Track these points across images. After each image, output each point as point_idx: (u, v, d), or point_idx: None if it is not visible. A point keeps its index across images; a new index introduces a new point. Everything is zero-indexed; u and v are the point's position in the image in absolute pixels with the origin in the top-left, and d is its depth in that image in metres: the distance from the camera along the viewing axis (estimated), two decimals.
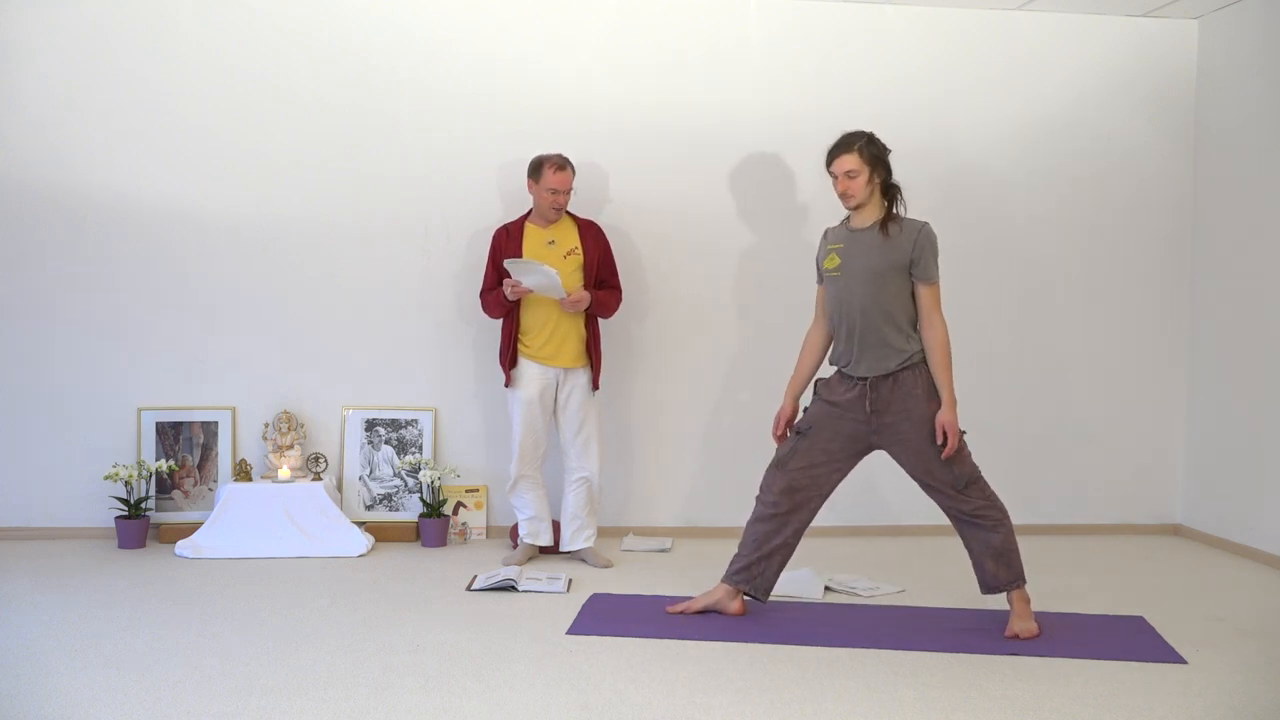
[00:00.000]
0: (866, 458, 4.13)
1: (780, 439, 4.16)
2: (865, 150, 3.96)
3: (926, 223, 3.99)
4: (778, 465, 4.10)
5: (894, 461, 4.10)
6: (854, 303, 3.96)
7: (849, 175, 3.96)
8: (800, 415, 4.18)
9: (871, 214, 4.01)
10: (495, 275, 4.97)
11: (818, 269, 4.18)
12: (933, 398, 3.93)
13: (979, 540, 3.97)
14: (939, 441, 3.89)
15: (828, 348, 4.18)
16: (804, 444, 4.05)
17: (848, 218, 4.10)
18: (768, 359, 5.53)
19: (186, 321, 5.41)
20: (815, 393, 4.13)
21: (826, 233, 4.19)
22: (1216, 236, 5.65)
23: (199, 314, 5.42)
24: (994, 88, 5.71)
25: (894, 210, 4.01)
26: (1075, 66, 5.73)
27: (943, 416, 3.89)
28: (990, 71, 5.71)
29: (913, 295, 3.96)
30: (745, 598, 4.18)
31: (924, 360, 3.96)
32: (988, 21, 5.67)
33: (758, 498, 4.16)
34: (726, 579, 4.16)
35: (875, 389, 3.94)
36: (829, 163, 4.03)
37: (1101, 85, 5.75)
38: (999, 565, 3.96)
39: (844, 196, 4.01)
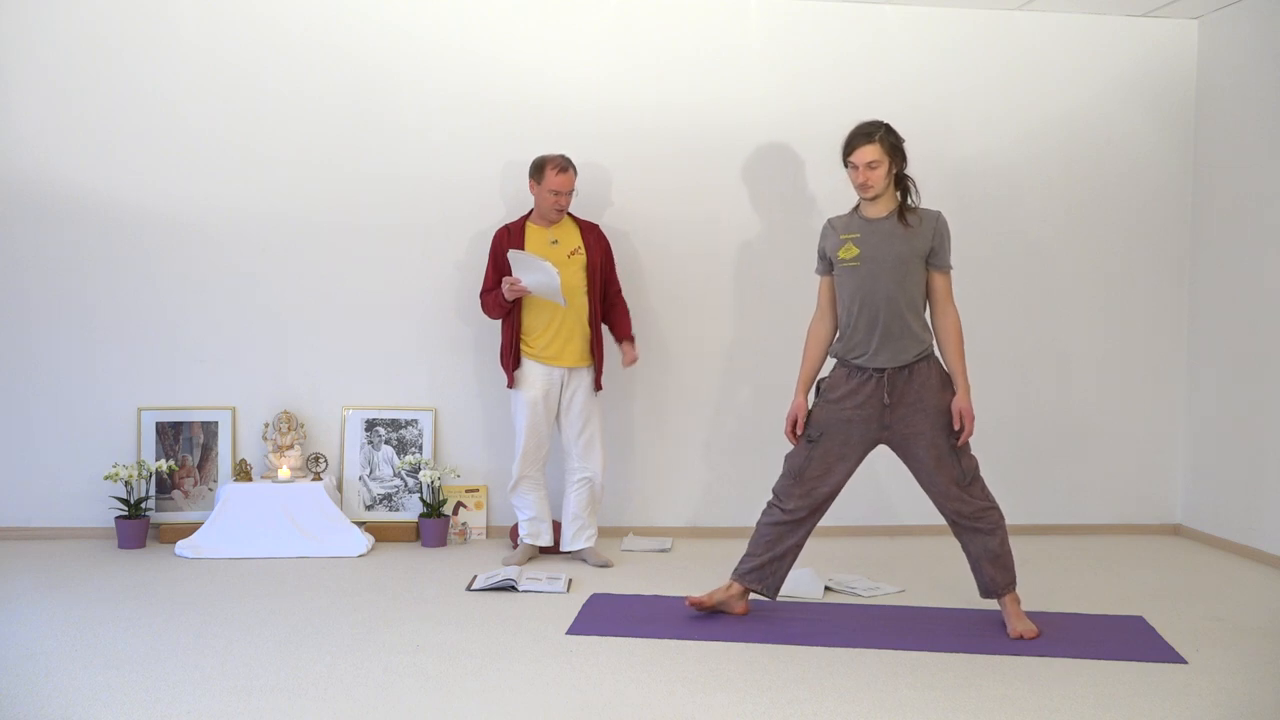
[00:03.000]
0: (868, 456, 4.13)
1: (795, 437, 4.10)
2: (885, 140, 3.92)
3: (940, 211, 4.01)
4: (795, 476, 4.04)
5: (898, 461, 4.09)
6: (878, 292, 3.91)
7: (870, 166, 3.90)
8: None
9: (886, 204, 3.97)
10: (495, 275, 4.96)
11: (823, 260, 4.11)
12: (945, 388, 3.93)
13: (978, 544, 3.97)
14: (956, 428, 3.90)
15: (832, 340, 4.13)
16: (818, 451, 4.00)
17: (856, 207, 4.06)
18: (769, 359, 5.53)
19: (186, 321, 5.42)
20: (819, 394, 4.09)
21: (833, 223, 4.10)
22: (1216, 236, 5.65)
23: (199, 314, 5.42)
24: (994, 88, 5.71)
25: (909, 199, 3.99)
26: (1075, 67, 5.73)
27: (960, 403, 3.91)
28: (990, 72, 5.70)
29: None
30: (751, 597, 4.18)
31: (934, 351, 3.98)
32: (988, 21, 5.67)
33: (773, 505, 4.10)
34: (738, 578, 4.12)
35: (892, 380, 3.92)
36: (848, 153, 3.95)
37: (1101, 85, 5.75)
38: (997, 569, 3.97)
39: (863, 187, 3.94)
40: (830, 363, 4.15)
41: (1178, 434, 5.87)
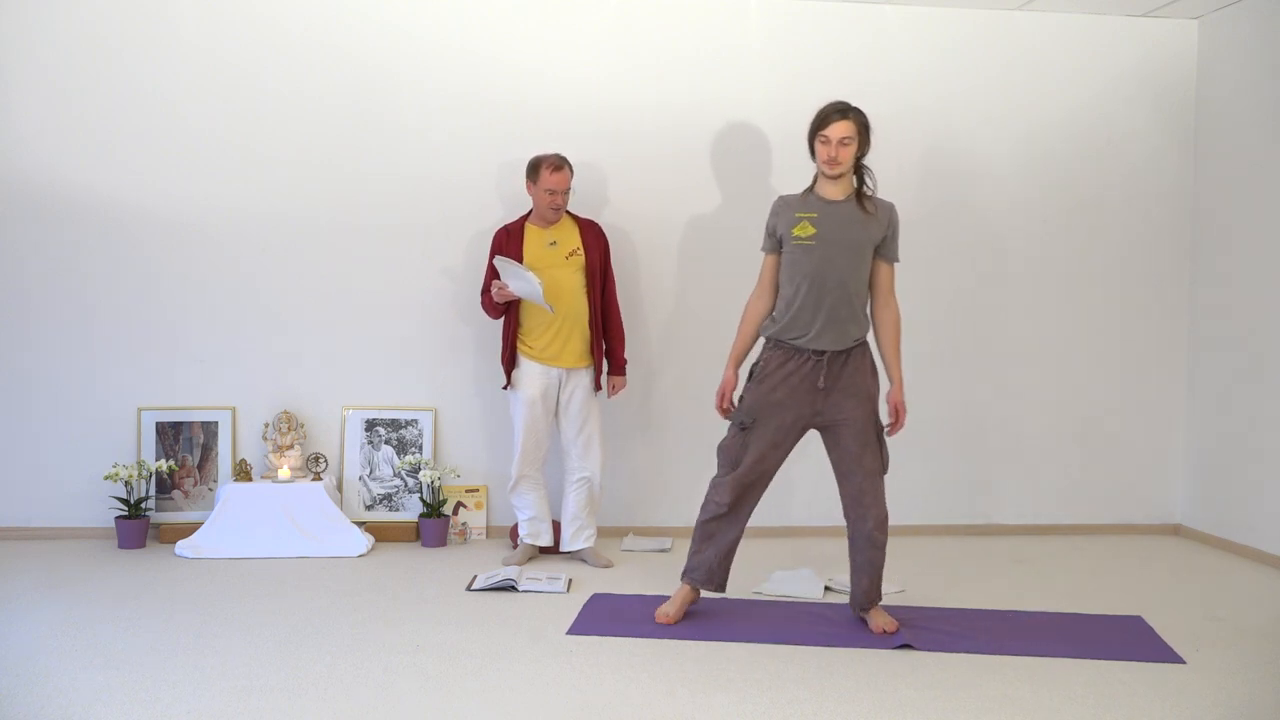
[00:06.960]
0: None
1: (725, 412, 4.06)
2: (857, 118, 3.91)
3: (893, 203, 4.02)
4: (732, 466, 3.99)
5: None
6: (831, 274, 3.88)
7: (843, 142, 3.87)
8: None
9: (844, 187, 3.95)
10: (494, 276, 4.96)
11: (771, 238, 4.04)
12: (873, 376, 3.97)
13: (866, 556, 3.96)
14: (890, 419, 3.97)
15: (767, 318, 4.07)
16: (752, 438, 3.95)
17: (811, 188, 4.01)
18: None
19: (187, 321, 5.42)
20: (750, 377, 4.01)
21: (786, 200, 4.03)
22: (1216, 236, 5.65)
23: (199, 314, 5.42)
24: (994, 88, 5.71)
25: (866, 186, 3.98)
26: (1075, 66, 5.73)
27: (895, 396, 3.98)
28: (990, 72, 5.70)
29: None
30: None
31: (868, 339, 4.00)
32: (988, 21, 5.67)
33: (710, 500, 4.04)
34: (688, 580, 4.08)
35: (830, 364, 3.90)
36: (822, 126, 3.89)
37: (1102, 85, 5.75)
38: (873, 585, 4.01)
39: (831, 163, 3.88)
40: (760, 344, 4.10)
41: (1178, 434, 5.87)
